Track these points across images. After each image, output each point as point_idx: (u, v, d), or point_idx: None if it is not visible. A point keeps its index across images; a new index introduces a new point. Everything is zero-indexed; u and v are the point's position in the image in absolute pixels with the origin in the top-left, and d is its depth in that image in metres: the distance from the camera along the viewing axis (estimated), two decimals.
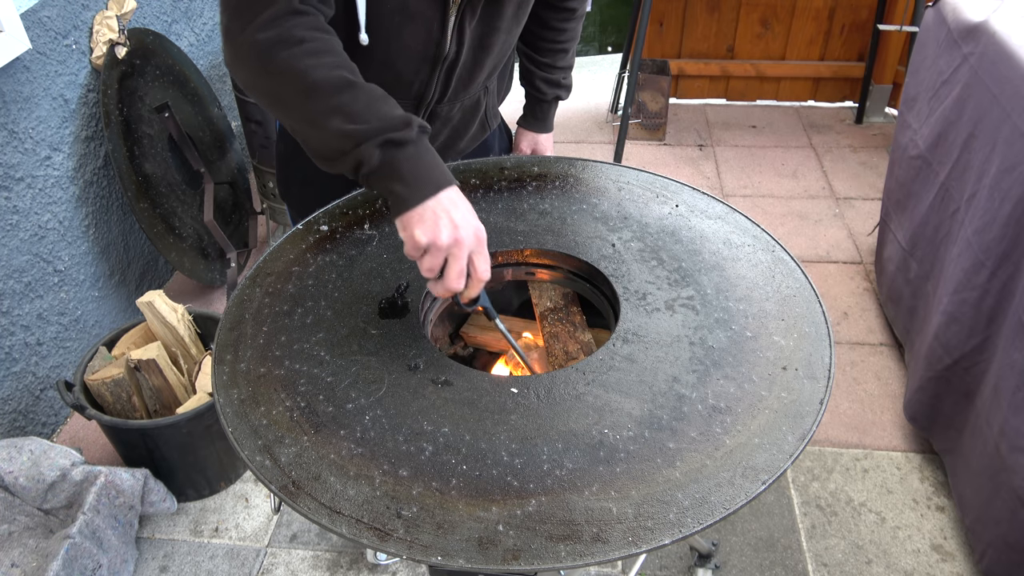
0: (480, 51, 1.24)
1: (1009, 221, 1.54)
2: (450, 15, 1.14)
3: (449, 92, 1.27)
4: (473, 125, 1.42)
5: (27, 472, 1.67)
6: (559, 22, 1.45)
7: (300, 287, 1.12)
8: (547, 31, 1.46)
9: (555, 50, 1.49)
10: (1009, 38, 1.66)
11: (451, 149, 1.42)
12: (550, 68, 1.52)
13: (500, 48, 1.28)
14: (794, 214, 2.94)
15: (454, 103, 1.31)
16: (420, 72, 1.21)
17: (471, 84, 1.30)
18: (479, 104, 1.38)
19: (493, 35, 1.23)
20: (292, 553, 1.80)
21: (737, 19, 3.50)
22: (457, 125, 1.37)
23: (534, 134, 1.62)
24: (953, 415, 1.79)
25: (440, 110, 1.30)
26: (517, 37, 1.34)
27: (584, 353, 1.18)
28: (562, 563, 0.76)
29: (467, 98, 1.33)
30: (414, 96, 1.25)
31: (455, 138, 1.40)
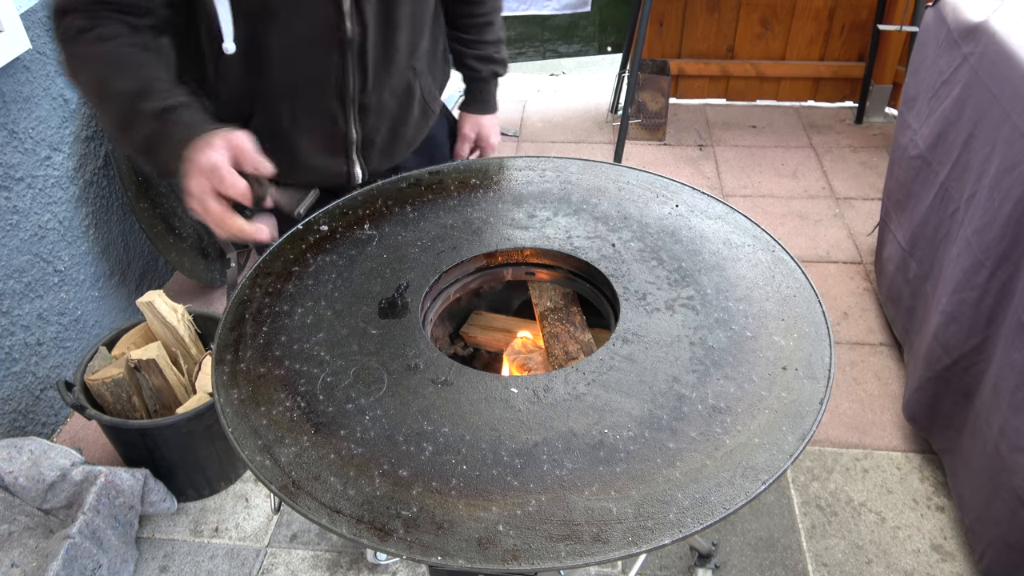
0: (388, 28, 1.20)
1: (1009, 221, 1.54)
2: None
3: (370, 79, 1.23)
4: (412, 113, 1.36)
5: (27, 472, 1.67)
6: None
7: (300, 287, 1.12)
8: (466, 6, 1.42)
9: (478, 24, 1.45)
10: (1009, 38, 1.66)
11: (397, 142, 1.38)
12: (478, 44, 1.47)
13: (412, 23, 1.24)
14: (794, 214, 2.94)
15: (382, 91, 1.26)
16: (329, 62, 1.18)
17: (392, 67, 1.25)
18: (411, 89, 1.33)
19: (397, 8, 1.19)
20: (292, 553, 1.80)
21: (737, 19, 3.50)
22: (395, 115, 1.33)
23: (476, 116, 1.55)
24: (952, 415, 1.79)
25: (369, 101, 1.26)
26: (431, 9, 1.31)
27: (584, 353, 1.18)
28: (562, 563, 0.76)
29: (395, 83, 1.28)
30: (334, 90, 1.21)
31: (397, 129, 1.36)
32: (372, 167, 1.35)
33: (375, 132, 1.30)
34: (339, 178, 1.33)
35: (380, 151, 1.34)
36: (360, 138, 1.29)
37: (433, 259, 1.18)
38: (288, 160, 1.23)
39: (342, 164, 1.31)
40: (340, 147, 1.29)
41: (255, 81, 1.19)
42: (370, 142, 1.31)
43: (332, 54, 1.17)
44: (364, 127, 1.28)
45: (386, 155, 1.37)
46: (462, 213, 1.28)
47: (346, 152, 1.30)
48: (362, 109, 1.26)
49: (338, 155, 1.30)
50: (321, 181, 1.31)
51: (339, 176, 1.33)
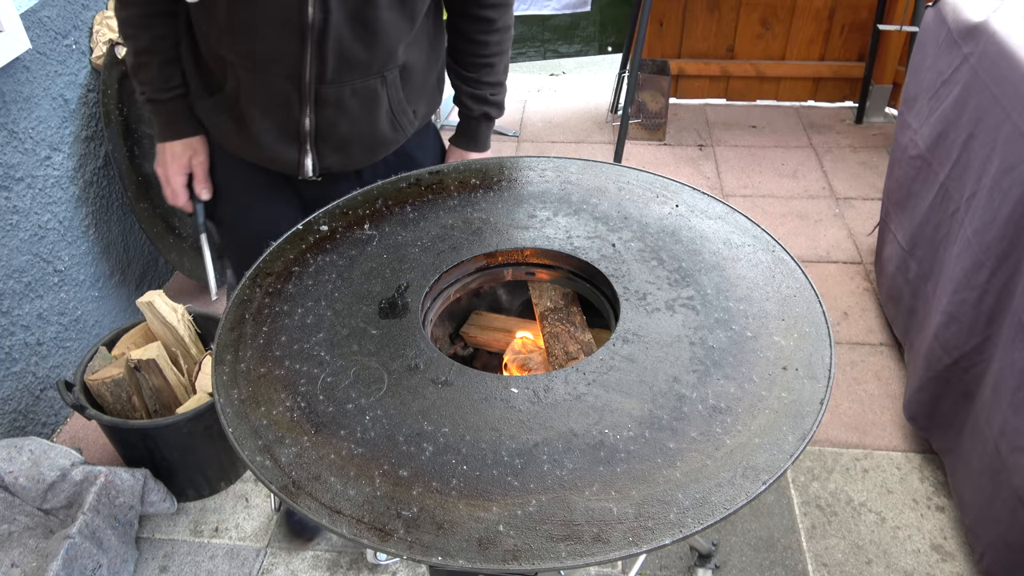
0: (358, 25, 1.18)
1: (1009, 221, 1.54)
2: None
3: (329, 70, 1.21)
4: (378, 121, 1.32)
5: (27, 472, 1.67)
6: (479, 34, 1.39)
7: (300, 287, 1.12)
8: (468, 44, 1.40)
9: (478, 64, 1.43)
10: (1009, 38, 1.66)
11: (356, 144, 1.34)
12: (476, 83, 1.45)
13: (389, 30, 1.21)
14: (794, 214, 2.94)
15: (341, 86, 1.24)
16: (289, 44, 1.17)
17: (354, 64, 1.23)
18: (377, 96, 1.29)
19: (371, 10, 1.17)
20: (292, 553, 1.80)
21: (737, 19, 3.50)
22: (357, 116, 1.30)
23: (462, 152, 1.53)
24: (953, 415, 1.79)
25: (327, 92, 1.24)
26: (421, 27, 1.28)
27: (584, 353, 1.18)
28: (562, 563, 0.76)
29: (358, 84, 1.26)
30: (289, 72, 1.21)
31: (358, 131, 1.32)
32: (325, 163, 1.33)
33: (331, 127, 1.29)
34: (289, 166, 1.33)
35: (335, 148, 1.32)
36: (314, 128, 1.28)
37: (433, 259, 1.18)
38: (246, 136, 1.30)
39: (294, 152, 1.31)
40: (293, 133, 1.28)
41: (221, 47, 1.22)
42: (324, 137, 1.30)
43: (291, 36, 1.16)
44: (319, 119, 1.27)
45: (342, 154, 1.34)
46: (462, 213, 1.28)
47: (299, 140, 1.29)
48: (319, 100, 1.24)
49: (291, 141, 1.29)
50: (272, 164, 1.33)
51: (289, 163, 1.32)
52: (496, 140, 3.45)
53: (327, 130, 1.29)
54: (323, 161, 1.33)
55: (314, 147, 1.31)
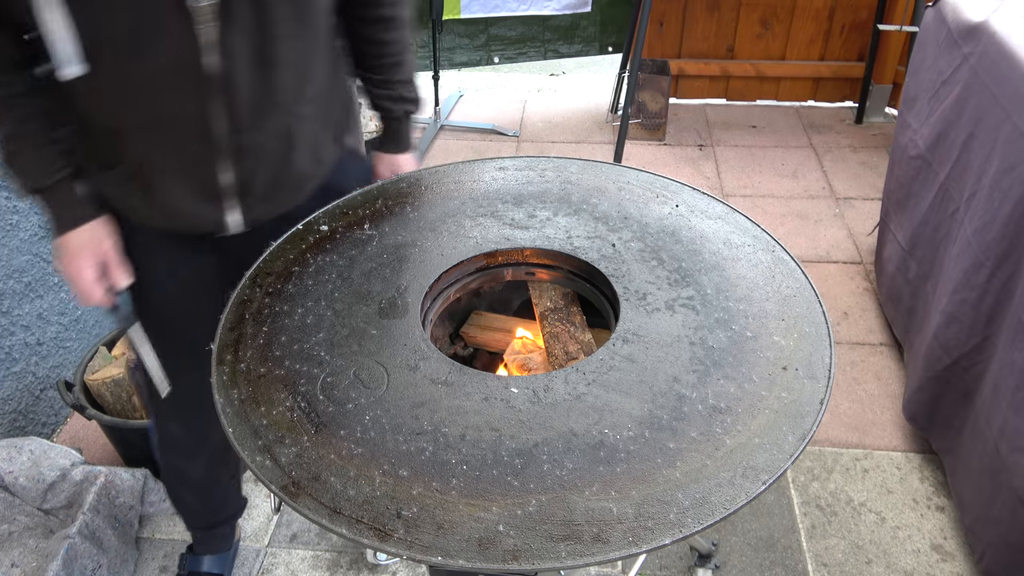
0: (265, 66, 1.07)
1: (1009, 221, 1.54)
2: (199, 24, 0.98)
3: (240, 122, 1.10)
4: (298, 159, 1.23)
5: (27, 472, 1.67)
6: (381, 34, 1.31)
7: (300, 287, 1.12)
8: (373, 46, 1.32)
9: (386, 65, 1.34)
10: (1009, 38, 1.66)
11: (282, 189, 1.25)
12: (388, 84, 1.37)
13: (295, 62, 1.12)
14: (794, 214, 2.94)
15: (258, 134, 1.14)
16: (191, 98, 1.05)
17: (266, 106, 1.12)
18: (295, 134, 1.19)
19: (274, 45, 1.06)
20: (292, 553, 1.80)
21: (737, 19, 3.50)
22: (278, 160, 1.20)
23: (391, 156, 1.45)
24: (952, 415, 1.79)
25: (242, 142, 1.13)
26: (325, 51, 1.20)
27: (584, 353, 1.18)
28: (562, 563, 0.76)
29: (274, 127, 1.16)
30: (198, 129, 1.09)
31: (281, 176, 1.22)
32: (252, 215, 1.22)
33: (254, 177, 1.18)
34: (212, 226, 1.21)
35: (262, 198, 1.22)
36: (236, 183, 1.17)
37: (433, 259, 1.18)
38: (159, 204, 1.17)
39: (215, 211, 1.19)
40: (212, 192, 1.17)
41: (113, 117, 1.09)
42: (247, 189, 1.19)
43: (192, 89, 1.04)
44: (240, 172, 1.16)
45: (269, 202, 1.24)
46: (462, 213, 1.28)
47: (219, 197, 1.18)
48: (235, 153, 1.13)
49: (211, 200, 1.18)
50: (193, 228, 1.22)
51: (213, 223, 1.21)
52: (496, 140, 3.46)
53: (249, 180, 1.18)
54: (251, 213, 1.22)
55: (239, 201, 1.20)
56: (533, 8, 3.32)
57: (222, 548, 1.71)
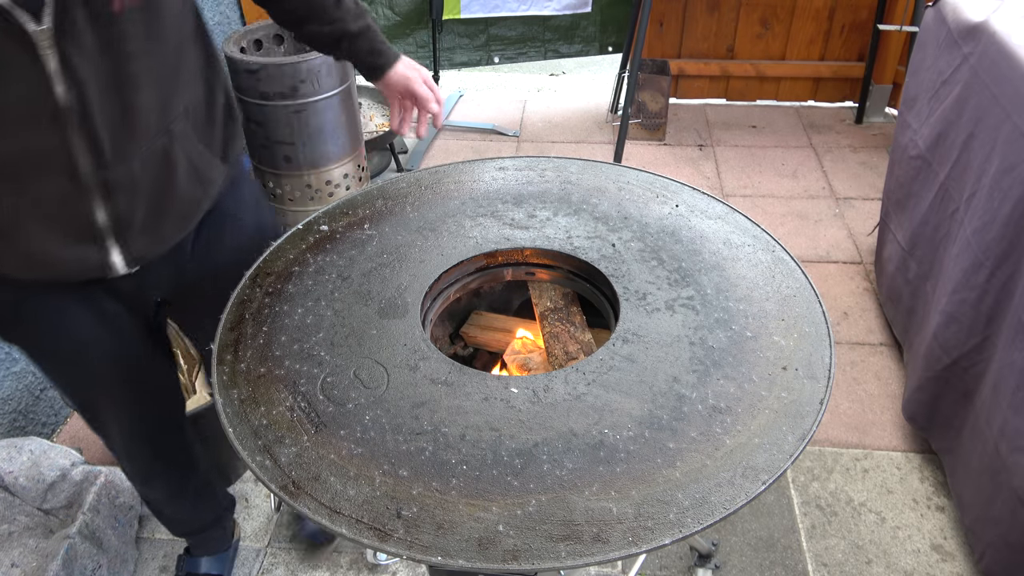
0: (121, 88, 0.96)
1: (1009, 221, 1.54)
2: (41, 52, 0.87)
3: (107, 152, 0.98)
4: (178, 183, 1.11)
5: (27, 472, 1.67)
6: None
7: (300, 287, 1.12)
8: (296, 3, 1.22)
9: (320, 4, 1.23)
10: (1009, 38, 1.66)
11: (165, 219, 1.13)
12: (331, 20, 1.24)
13: (156, 77, 1.01)
14: (794, 214, 2.94)
15: (128, 163, 1.02)
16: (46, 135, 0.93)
17: (136, 133, 1.01)
18: (170, 156, 1.08)
19: (128, 64, 0.95)
20: (292, 553, 1.80)
21: (737, 19, 3.50)
22: (155, 189, 1.08)
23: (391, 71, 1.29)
24: (952, 415, 1.79)
25: (113, 175, 1.01)
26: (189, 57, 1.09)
27: (584, 353, 1.18)
28: (562, 563, 0.76)
29: (145, 152, 1.03)
30: (60, 166, 0.96)
31: (162, 205, 1.11)
32: (136, 252, 1.11)
33: (131, 212, 1.06)
34: (94, 270, 1.09)
35: (143, 233, 1.10)
36: (112, 221, 1.05)
37: (433, 259, 1.18)
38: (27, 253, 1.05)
39: (93, 253, 1.07)
40: (87, 234, 1.05)
41: None
42: (127, 224, 1.07)
43: (46, 125, 0.93)
44: (114, 207, 1.04)
45: (154, 236, 1.12)
46: (462, 213, 1.28)
47: (95, 239, 1.06)
48: (106, 187, 1.01)
49: (86, 243, 1.06)
50: (72, 275, 1.10)
51: (93, 267, 1.09)
52: (496, 140, 3.46)
53: (127, 216, 1.06)
54: (133, 251, 1.10)
55: (118, 239, 1.07)
56: (533, 8, 3.32)
57: (219, 549, 1.71)
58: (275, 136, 2.33)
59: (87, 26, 0.89)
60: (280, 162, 2.39)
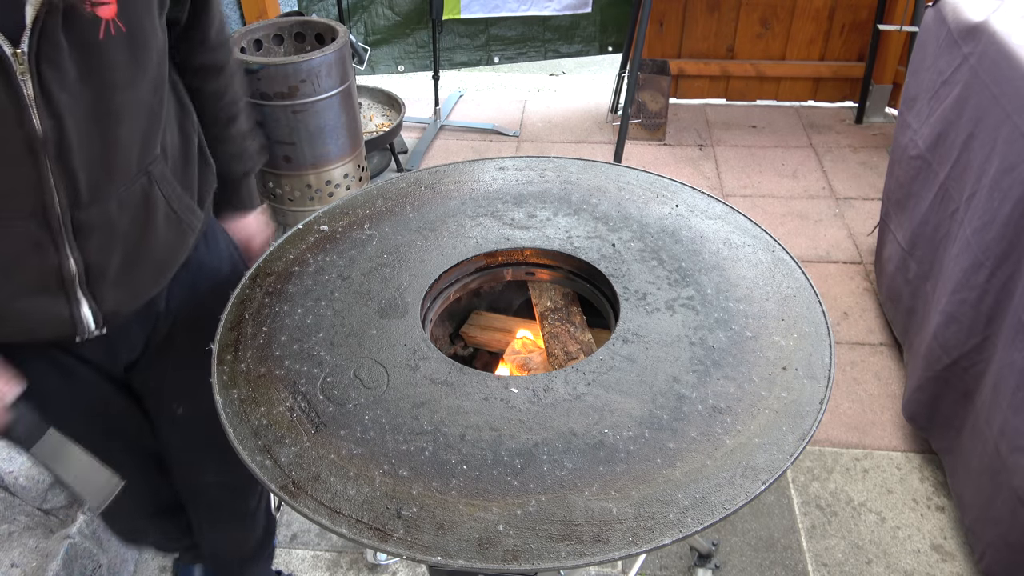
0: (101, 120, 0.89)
1: (1009, 221, 1.54)
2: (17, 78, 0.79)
3: (83, 190, 0.90)
4: (156, 229, 1.03)
5: (27, 472, 1.67)
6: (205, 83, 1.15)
7: (300, 287, 1.12)
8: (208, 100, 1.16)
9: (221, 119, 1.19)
10: (1009, 38, 1.66)
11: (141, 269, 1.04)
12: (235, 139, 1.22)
13: (138, 112, 0.93)
14: (794, 214, 2.94)
15: (105, 203, 0.93)
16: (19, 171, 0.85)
17: (114, 171, 0.93)
18: (149, 198, 0.99)
19: (113, 95, 0.88)
20: (292, 553, 1.80)
21: (737, 19, 3.50)
22: (132, 234, 0.99)
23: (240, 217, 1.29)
24: (952, 415, 1.79)
25: (87, 217, 0.92)
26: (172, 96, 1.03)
27: (584, 353, 1.18)
28: (562, 563, 0.76)
29: (123, 192, 0.95)
30: (31, 207, 0.88)
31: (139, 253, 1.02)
32: (108, 307, 1.01)
33: (105, 260, 0.97)
34: (60, 326, 0.98)
35: (116, 284, 1.00)
36: (83, 269, 0.95)
37: (433, 259, 1.18)
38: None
39: (61, 306, 0.96)
40: (54, 284, 0.94)
41: None
42: (99, 274, 0.97)
43: (19, 161, 0.84)
44: (86, 254, 0.95)
45: (127, 289, 1.03)
46: (462, 213, 1.28)
47: (64, 290, 0.95)
48: (79, 230, 0.92)
49: (53, 295, 0.95)
50: (37, 334, 0.99)
51: (61, 325, 0.98)
52: (496, 140, 3.46)
53: (100, 264, 0.97)
54: (105, 305, 1.00)
55: (88, 292, 0.97)
56: (533, 8, 3.32)
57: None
58: (275, 136, 2.33)
59: (69, 52, 0.82)
60: (280, 162, 2.39)
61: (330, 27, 2.43)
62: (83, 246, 0.94)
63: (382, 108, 3.07)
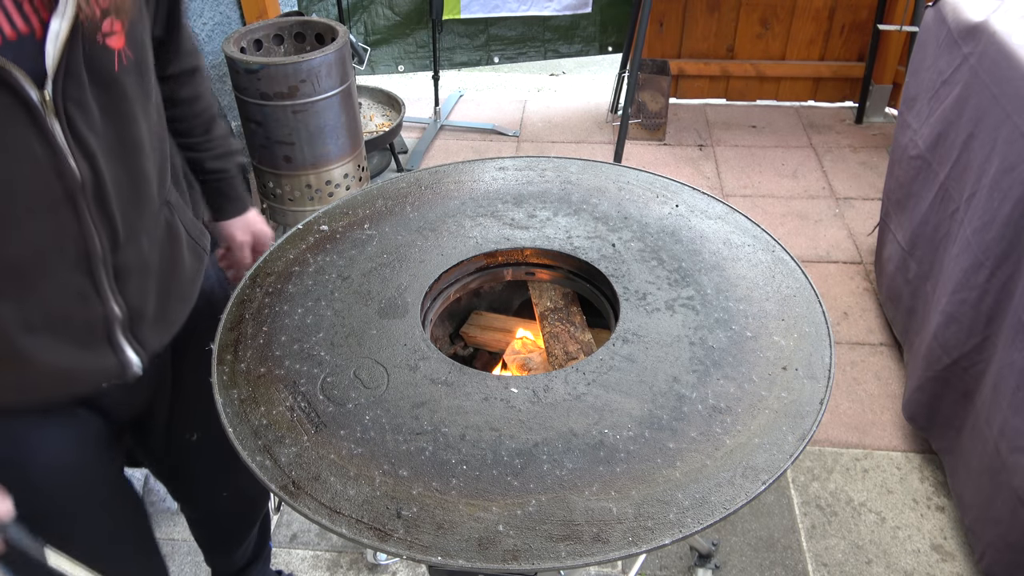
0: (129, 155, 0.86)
1: (1008, 221, 1.54)
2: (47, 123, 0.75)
3: (121, 231, 0.87)
4: (183, 259, 1.02)
5: None
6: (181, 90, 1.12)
7: (300, 287, 1.12)
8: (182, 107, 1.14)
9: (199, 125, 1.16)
10: (1009, 38, 1.66)
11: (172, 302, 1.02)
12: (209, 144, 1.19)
13: (149, 141, 0.91)
14: (794, 214, 2.94)
15: (139, 242, 0.91)
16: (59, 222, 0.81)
17: (144, 205, 0.91)
18: (173, 228, 0.99)
19: (132, 127, 0.86)
20: (292, 553, 1.80)
21: (737, 19, 3.50)
22: (163, 268, 0.98)
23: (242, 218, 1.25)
24: (952, 415, 1.79)
25: (126, 260, 0.90)
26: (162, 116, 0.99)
27: (584, 353, 1.18)
28: (562, 563, 0.76)
29: (151, 227, 0.94)
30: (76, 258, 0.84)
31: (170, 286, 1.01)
32: (151, 347, 0.99)
33: (144, 300, 0.95)
34: (109, 375, 0.95)
35: (155, 323, 0.98)
36: (126, 314, 0.92)
37: (433, 259, 1.18)
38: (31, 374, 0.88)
39: (107, 358, 0.93)
40: (101, 334, 0.91)
41: None
42: (139, 316, 0.95)
43: (59, 210, 0.80)
44: (127, 298, 0.92)
45: (163, 325, 1.01)
46: (462, 213, 1.28)
47: (109, 339, 0.92)
48: (119, 274, 0.89)
49: (99, 347, 0.92)
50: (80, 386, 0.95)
51: (108, 373, 0.95)
52: (496, 140, 3.46)
53: (140, 306, 0.94)
54: (148, 346, 0.98)
55: (132, 337, 0.95)
56: (533, 8, 3.32)
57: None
58: (275, 136, 2.33)
59: (91, 89, 0.79)
60: (280, 162, 2.39)
61: (330, 27, 2.43)
62: (123, 290, 0.91)
63: (382, 108, 3.07)
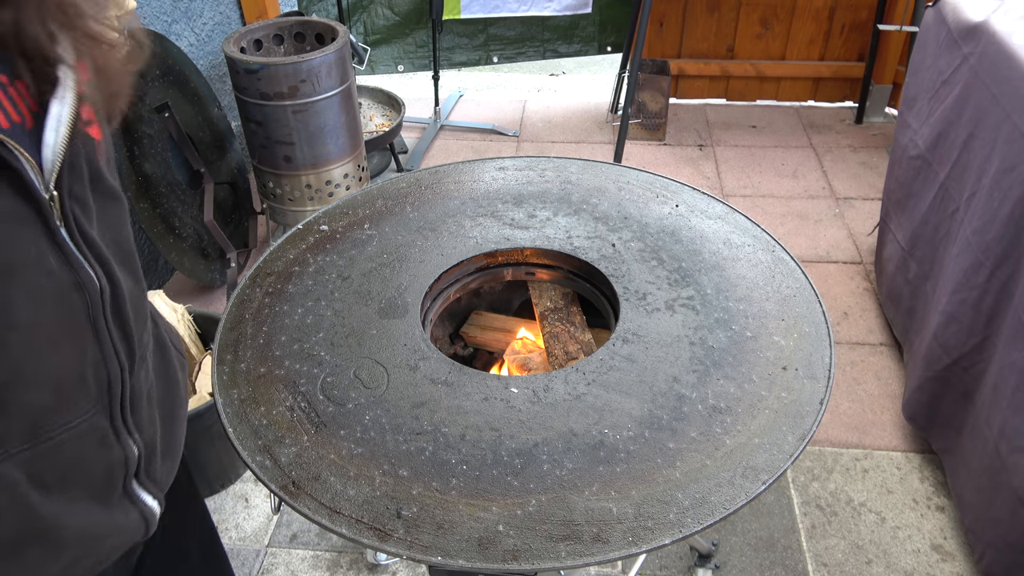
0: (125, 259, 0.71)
1: (1009, 221, 1.54)
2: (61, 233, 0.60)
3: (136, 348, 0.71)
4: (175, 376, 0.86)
5: None
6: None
7: (300, 287, 1.12)
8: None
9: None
10: (1009, 38, 1.66)
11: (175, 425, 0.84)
12: None
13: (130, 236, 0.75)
14: (794, 214, 2.94)
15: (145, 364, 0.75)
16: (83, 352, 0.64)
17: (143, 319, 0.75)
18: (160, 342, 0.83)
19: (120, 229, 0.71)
20: (292, 553, 1.80)
21: (737, 19, 3.50)
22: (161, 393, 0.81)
23: None
24: (952, 415, 1.79)
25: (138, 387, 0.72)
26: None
27: (584, 353, 1.18)
28: (562, 563, 0.76)
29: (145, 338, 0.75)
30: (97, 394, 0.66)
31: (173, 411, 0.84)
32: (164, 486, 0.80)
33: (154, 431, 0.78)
34: (134, 533, 0.76)
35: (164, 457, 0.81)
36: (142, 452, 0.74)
37: (433, 259, 1.18)
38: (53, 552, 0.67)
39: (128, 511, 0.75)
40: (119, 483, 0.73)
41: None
42: (152, 452, 0.77)
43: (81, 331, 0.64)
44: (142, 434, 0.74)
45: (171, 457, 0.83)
46: (462, 213, 1.28)
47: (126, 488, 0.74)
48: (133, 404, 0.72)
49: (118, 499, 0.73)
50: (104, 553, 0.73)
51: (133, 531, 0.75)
52: (496, 140, 3.46)
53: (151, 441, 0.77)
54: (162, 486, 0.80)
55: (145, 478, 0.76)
56: (533, 9, 3.32)
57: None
58: (275, 136, 2.33)
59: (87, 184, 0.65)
60: (280, 162, 2.39)
61: (330, 27, 2.43)
62: (138, 424, 0.73)
63: (382, 108, 3.07)
